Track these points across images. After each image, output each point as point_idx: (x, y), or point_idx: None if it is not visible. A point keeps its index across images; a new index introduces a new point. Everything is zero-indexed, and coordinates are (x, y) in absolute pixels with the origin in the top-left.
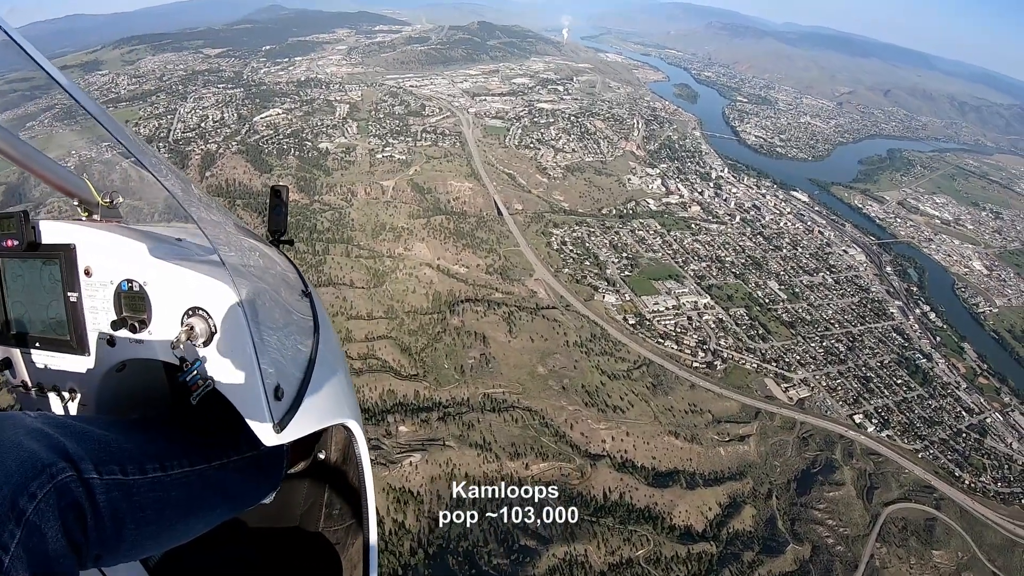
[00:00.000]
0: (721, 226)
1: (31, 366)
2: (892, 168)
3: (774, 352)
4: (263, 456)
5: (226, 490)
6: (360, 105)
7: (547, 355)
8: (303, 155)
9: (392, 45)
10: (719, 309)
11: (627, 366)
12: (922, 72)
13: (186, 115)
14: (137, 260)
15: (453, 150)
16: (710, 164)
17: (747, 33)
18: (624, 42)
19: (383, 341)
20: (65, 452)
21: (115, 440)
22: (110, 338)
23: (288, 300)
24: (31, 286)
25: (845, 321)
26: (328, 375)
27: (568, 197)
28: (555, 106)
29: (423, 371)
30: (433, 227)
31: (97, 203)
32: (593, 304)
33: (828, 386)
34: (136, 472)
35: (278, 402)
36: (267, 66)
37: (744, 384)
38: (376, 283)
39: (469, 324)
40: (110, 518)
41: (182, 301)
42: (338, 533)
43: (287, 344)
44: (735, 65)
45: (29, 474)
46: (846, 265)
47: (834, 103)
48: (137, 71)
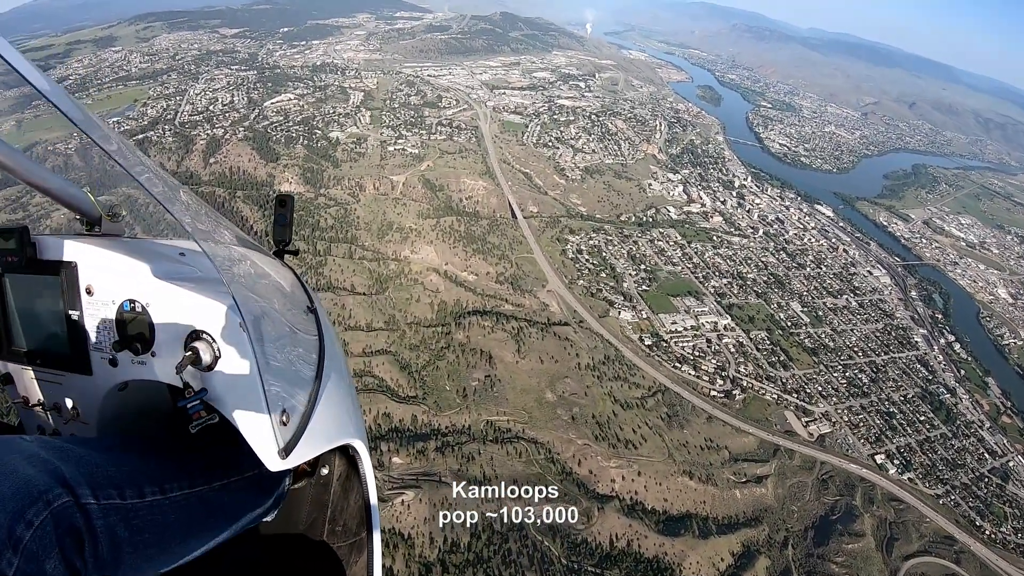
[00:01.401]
0: (743, 239)
1: (32, 383)
2: (917, 184)
3: (795, 382)
4: (264, 475)
5: (226, 511)
6: (375, 93)
7: (557, 379)
8: (312, 144)
9: (412, 32)
10: (739, 331)
11: (641, 393)
12: (947, 85)
13: (195, 97)
14: (140, 280)
15: (468, 145)
16: (733, 172)
17: (772, 37)
18: (648, 40)
19: (382, 357)
20: (62, 478)
21: (113, 464)
22: (112, 358)
23: (293, 318)
24: (32, 302)
25: (869, 349)
26: (334, 395)
27: (586, 201)
28: (576, 103)
29: (423, 392)
30: (443, 229)
31: (99, 217)
32: (608, 321)
33: (850, 421)
34: (134, 496)
35: (284, 427)
36: (283, 48)
37: (763, 417)
38: (378, 289)
39: (475, 340)
40: (108, 543)
41: (185, 324)
42: (342, 550)
43: (292, 365)
44: (759, 69)
45: (26, 501)
46: (871, 287)
47: (859, 113)
48: (151, 48)
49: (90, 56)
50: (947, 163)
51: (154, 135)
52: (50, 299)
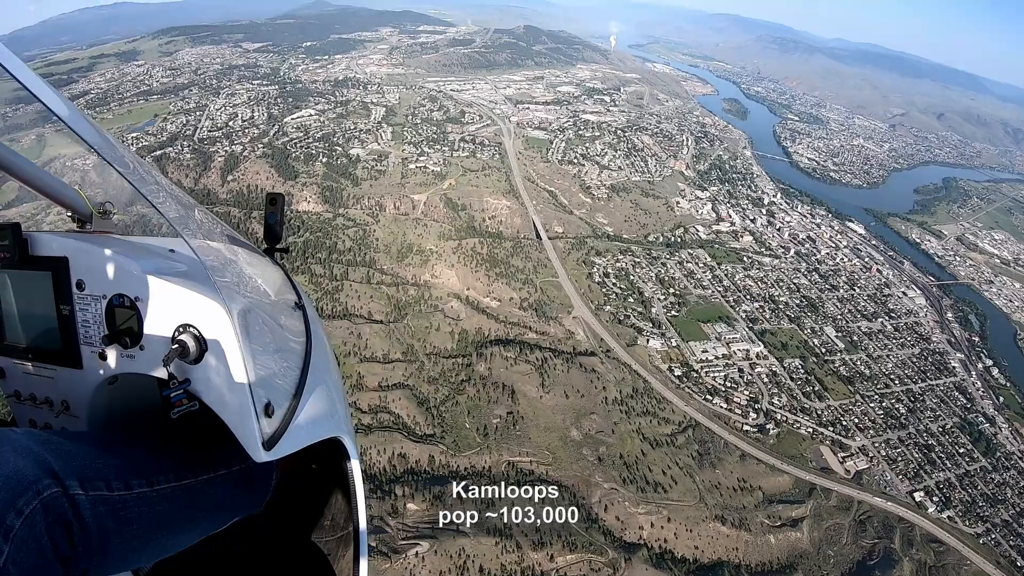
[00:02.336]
0: (775, 260)
1: (24, 377)
2: (949, 199)
3: (831, 413)
4: (252, 469)
5: (214, 504)
6: (397, 109)
7: (583, 415)
8: (331, 161)
9: (435, 46)
10: (772, 359)
11: (671, 429)
12: (975, 96)
13: (215, 112)
14: (129, 275)
15: (492, 162)
16: (762, 188)
17: (797, 48)
18: (672, 52)
19: (398, 392)
20: (51, 469)
21: (101, 456)
22: (102, 352)
23: (280, 313)
24: (24, 298)
25: (906, 377)
26: (320, 389)
27: (612, 220)
28: (601, 118)
29: (441, 430)
30: (464, 251)
31: (90, 213)
32: (636, 350)
33: (888, 456)
34: (122, 488)
35: (268, 419)
36: (305, 63)
37: (798, 453)
38: (396, 317)
39: (497, 373)
40: (96, 533)
41: (173, 318)
42: (329, 544)
43: (279, 359)
44: (785, 81)
45: (16, 491)
46: (906, 310)
47: (887, 125)
48: (173, 63)
49: (113, 70)
50: (977, 176)
51: (172, 151)
52: (41, 294)
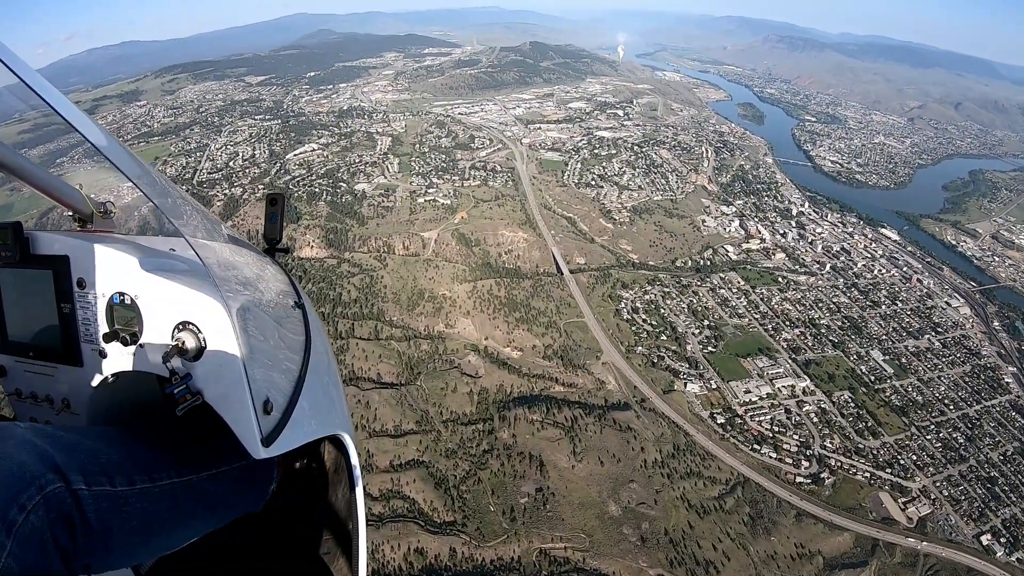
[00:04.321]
0: (811, 278)
1: (25, 375)
2: (978, 194)
3: (887, 452)
4: (253, 466)
5: (214, 500)
6: (403, 137)
7: (620, 484)
8: (336, 200)
9: (441, 69)
10: (820, 394)
11: (719, 490)
12: (989, 81)
13: (216, 152)
14: (129, 273)
15: (505, 190)
16: (788, 197)
17: (805, 46)
18: (680, 59)
19: (412, 472)
20: (54, 464)
21: (104, 451)
22: (102, 350)
23: (279, 311)
24: (25, 296)
25: (960, 400)
26: (319, 387)
27: (637, 246)
28: (616, 134)
29: (462, 516)
30: (480, 295)
31: (91, 213)
32: (673, 396)
33: (950, 496)
34: (124, 483)
35: (267, 416)
36: (309, 94)
37: (857, 503)
38: (408, 378)
39: (522, 440)
40: (98, 528)
41: (172, 315)
42: (328, 542)
43: (278, 357)
44: (797, 80)
45: (18, 486)
46: (951, 322)
47: (905, 119)
48: (175, 101)
49: (115, 111)
50: (1003, 166)
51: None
52: (42, 293)
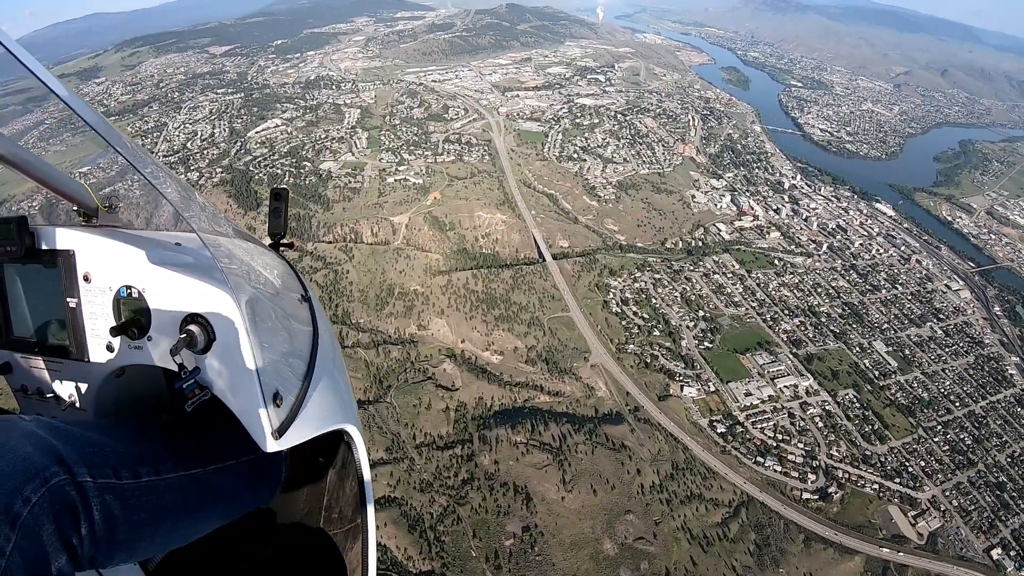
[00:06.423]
0: (808, 259)
1: (31, 370)
2: (969, 166)
3: (895, 458)
4: (261, 460)
5: (222, 495)
6: (373, 109)
7: (615, 516)
8: (299, 182)
9: (413, 34)
10: (824, 394)
11: (722, 514)
12: (972, 47)
13: (173, 132)
14: (136, 266)
15: (481, 166)
16: (779, 169)
17: (789, 8)
18: (661, 21)
19: (383, 514)
20: (59, 456)
21: (110, 444)
22: (109, 344)
23: (287, 305)
24: (31, 292)
25: (965, 396)
26: (327, 380)
27: (624, 226)
28: (598, 101)
29: (441, 564)
30: (456, 290)
31: (96, 208)
32: (669, 403)
33: (960, 506)
34: (129, 476)
35: (277, 409)
36: (275, 64)
37: (866, 519)
38: (377, 394)
39: (506, 467)
40: (104, 521)
41: (180, 308)
42: (338, 536)
43: (286, 350)
44: (781, 44)
45: (24, 478)
46: (952, 307)
47: (891, 85)
48: (135, 77)
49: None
50: (992, 136)
51: (121, 187)
52: (49, 287)
